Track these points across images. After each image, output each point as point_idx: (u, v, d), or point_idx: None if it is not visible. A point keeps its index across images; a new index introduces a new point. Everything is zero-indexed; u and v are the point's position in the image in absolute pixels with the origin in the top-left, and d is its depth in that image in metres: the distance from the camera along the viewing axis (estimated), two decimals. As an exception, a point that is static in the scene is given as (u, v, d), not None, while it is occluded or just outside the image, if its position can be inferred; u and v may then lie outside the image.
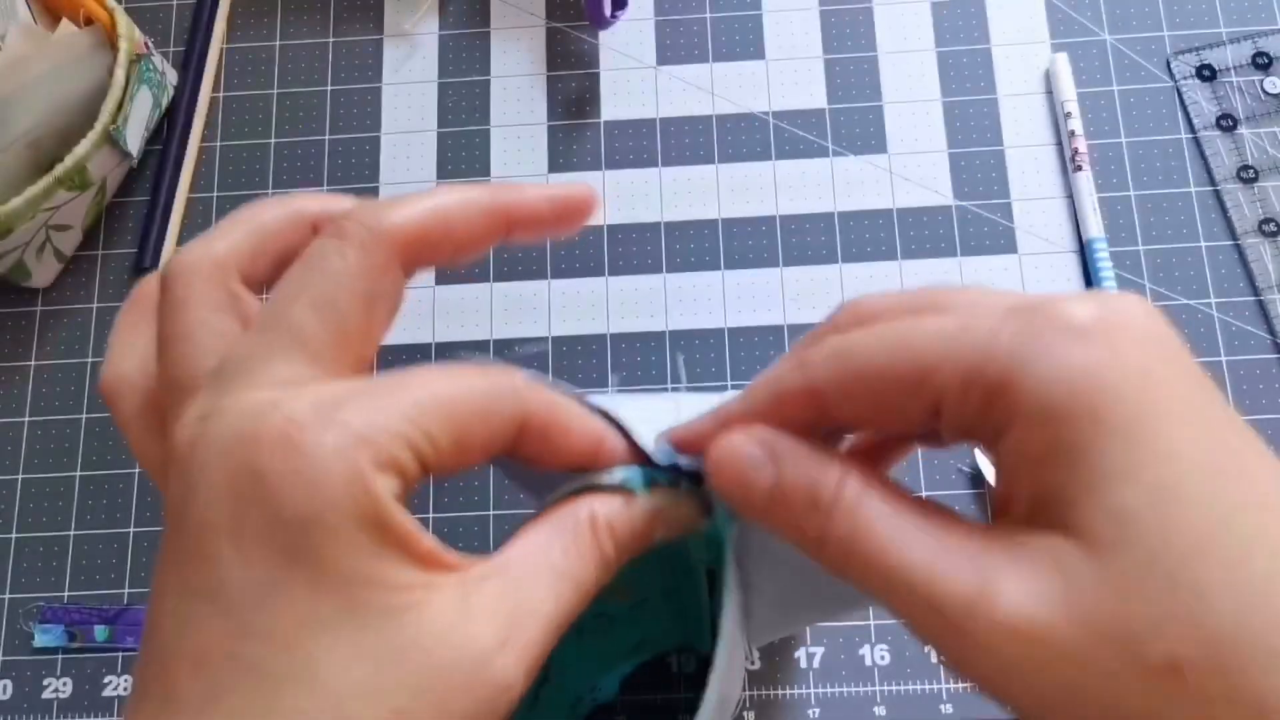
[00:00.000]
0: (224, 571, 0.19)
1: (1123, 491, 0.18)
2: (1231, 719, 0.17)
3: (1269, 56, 0.52)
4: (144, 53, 0.51)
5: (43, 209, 0.47)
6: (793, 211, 0.52)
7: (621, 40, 0.55)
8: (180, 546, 0.20)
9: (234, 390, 0.20)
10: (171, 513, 0.20)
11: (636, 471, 0.24)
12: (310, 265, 0.22)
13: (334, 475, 0.19)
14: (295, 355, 0.21)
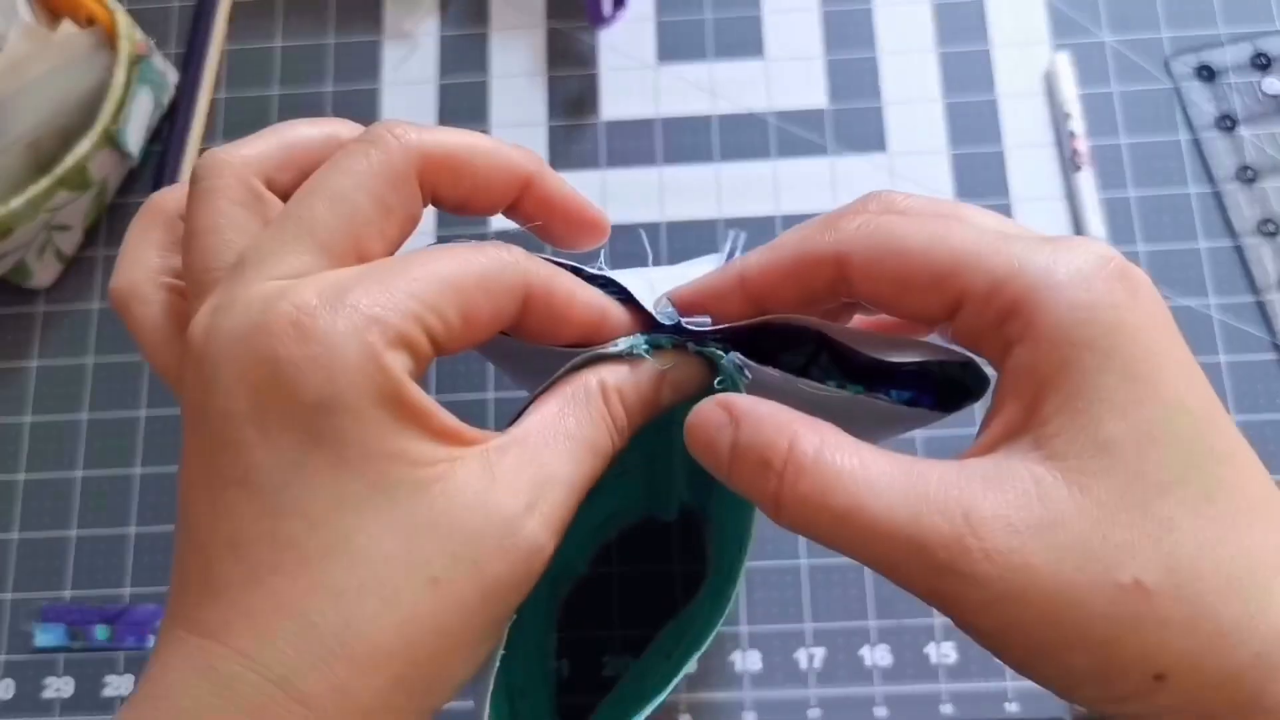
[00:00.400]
0: (251, 457, 0.19)
1: (1113, 424, 0.19)
2: (1189, 643, 0.18)
3: (1268, 57, 0.52)
4: (144, 53, 0.51)
5: (43, 209, 0.48)
6: (793, 211, 0.52)
7: (621, 40, 0.55)
8: (204, 439, 0.20)
9: (246, 282, 0.20)
10: (191, 408, 0.20)
11: (641, 338, 0.24)
12: (334, 165, 0.22)
13: (348, 357, 0.19)
14: (307, 248, 0.21)
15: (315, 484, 0.19)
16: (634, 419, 0.24)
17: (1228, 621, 0.18)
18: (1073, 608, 0.18)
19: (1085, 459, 0.19)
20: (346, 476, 0.19)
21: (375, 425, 0.20)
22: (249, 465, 0.19)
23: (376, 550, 0.19)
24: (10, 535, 0.49)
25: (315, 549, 0.19)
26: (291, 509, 0.19)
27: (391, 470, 0.20)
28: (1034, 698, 0.45)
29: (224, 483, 0.20)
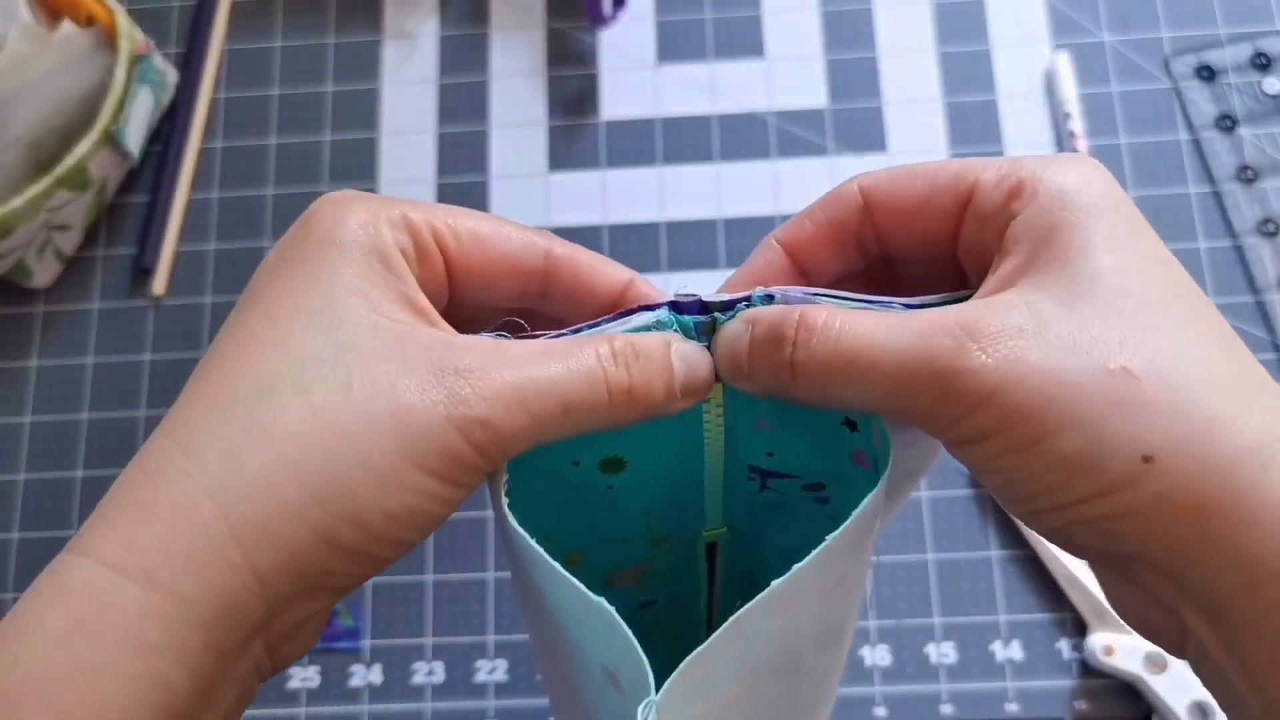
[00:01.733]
0: (260, 277, 0.23)
1: (1103, 258, 0.21)
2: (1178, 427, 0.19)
3: (1268, 57, 0.52)
4: (144, 53, 0.51)
5: (43, 209, 0.48)
6: (793, 211, 0.52)
7: (621, 40, 0.55)
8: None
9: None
10: None
11: (665, 311, 0.24)
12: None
13: (356, 217, 0.23)
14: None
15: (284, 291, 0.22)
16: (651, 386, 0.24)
17: (1219, 412, 0.19)
18: (1064, 388, 0.20)
19: (1075, 286, 0.21)
20: (313, 291, 0.22)
21: (355, 266, 0.22)
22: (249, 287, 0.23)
23: (309, 349, 0.21)
24: (10, 535, 0.49)
25: (261, 338, 0.22)
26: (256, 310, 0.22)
27: (350, 300, 0.22)
28: (1034, 698, 0.45)
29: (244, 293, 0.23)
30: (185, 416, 0.21)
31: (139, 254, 0.52)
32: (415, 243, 0.23)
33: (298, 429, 0.20)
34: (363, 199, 0.23)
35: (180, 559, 0.20)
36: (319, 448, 0.20)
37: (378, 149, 0.54)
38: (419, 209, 0.24)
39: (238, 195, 0.54)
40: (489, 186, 0.53)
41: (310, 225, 0.23)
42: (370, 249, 0.22)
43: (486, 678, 0.47)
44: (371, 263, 0.22)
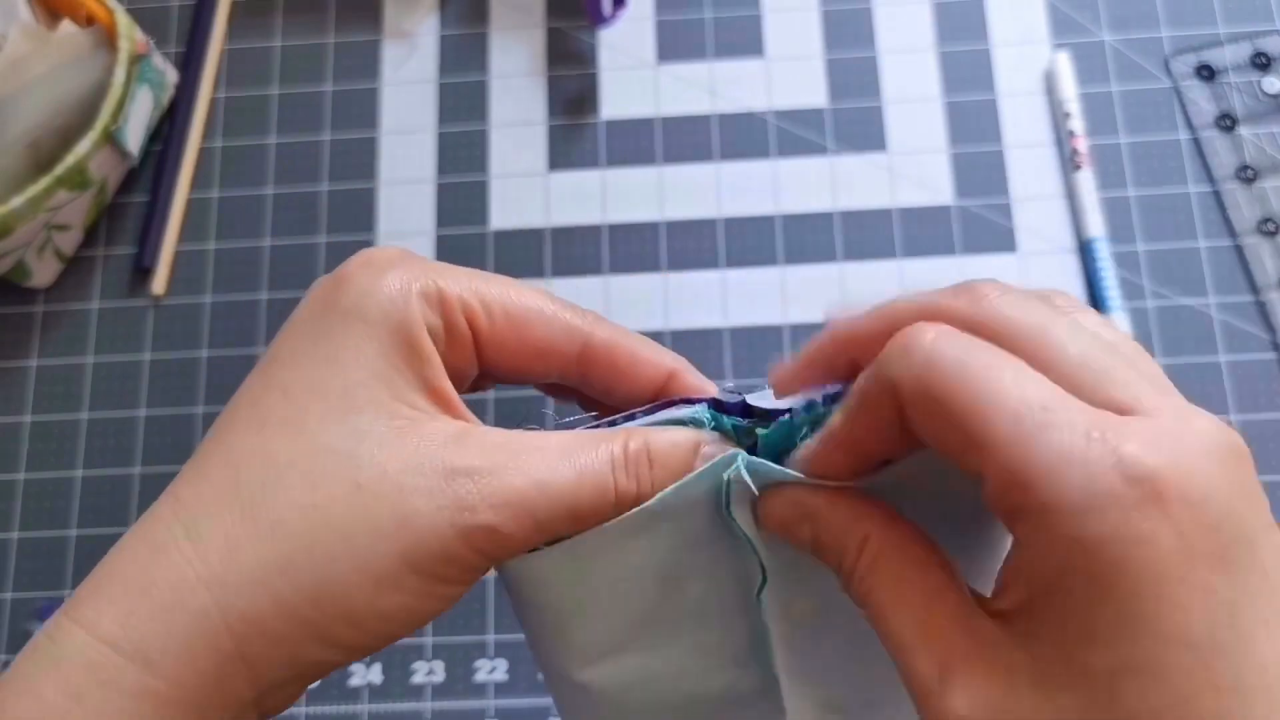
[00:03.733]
0: (277, 345, 0.23)
1: (1096, 655, 0.18)
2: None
3: (1268, 56, 0.52)
4: (144, 53, 0.51)
5: (43, 209, 0.48)
6: (793, 210, 0.52)
7: (621, 39, 0.55)
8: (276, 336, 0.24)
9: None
10: None
11: (705, 408, 0.24)
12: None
13: (387, 287, 0.22)
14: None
15: (305, 366, 0.22)
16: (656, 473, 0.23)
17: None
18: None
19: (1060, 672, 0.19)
20: (334, 370, 0.21)
21: (379, 346, 0.22)
22: (273, 349, 0.23)
23: (323, 438, 0.21)
24: (10, 535, 0.49)
25: (276, 417, 0.21)
26: (275, 382, 0.22)
27: (373, 386, 0.21)
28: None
29: (267, 355, 0.23)
30: (193, 491, 0.21)
31: (139, 254, 0.52)
32: (446, 320, 0.23)
33: (299, 528, 0.20)
34: (398, 265, 0.23)
35: (176, 645, 0.20)
36: (319, 549, 0.20)
37: (377, 148, 0.54)
38: (455, 279, 0.23)
39: (237, 195, 0.54)
40: (489, 186, 0.53)
41: (340, 290, 0.22)
42: (397, 328, 0.22)
43: (486, 677, 0.47)
44: (397, 343, 0.22)
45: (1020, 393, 0.19)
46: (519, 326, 0.24)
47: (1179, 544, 0.18)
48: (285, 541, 0.20)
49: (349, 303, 0.22)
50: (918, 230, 0.51)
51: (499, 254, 0.52)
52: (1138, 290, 0.49)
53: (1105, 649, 0.18)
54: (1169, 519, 0.18)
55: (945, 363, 0.19)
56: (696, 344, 0.50)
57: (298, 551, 0.20)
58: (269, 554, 0.20)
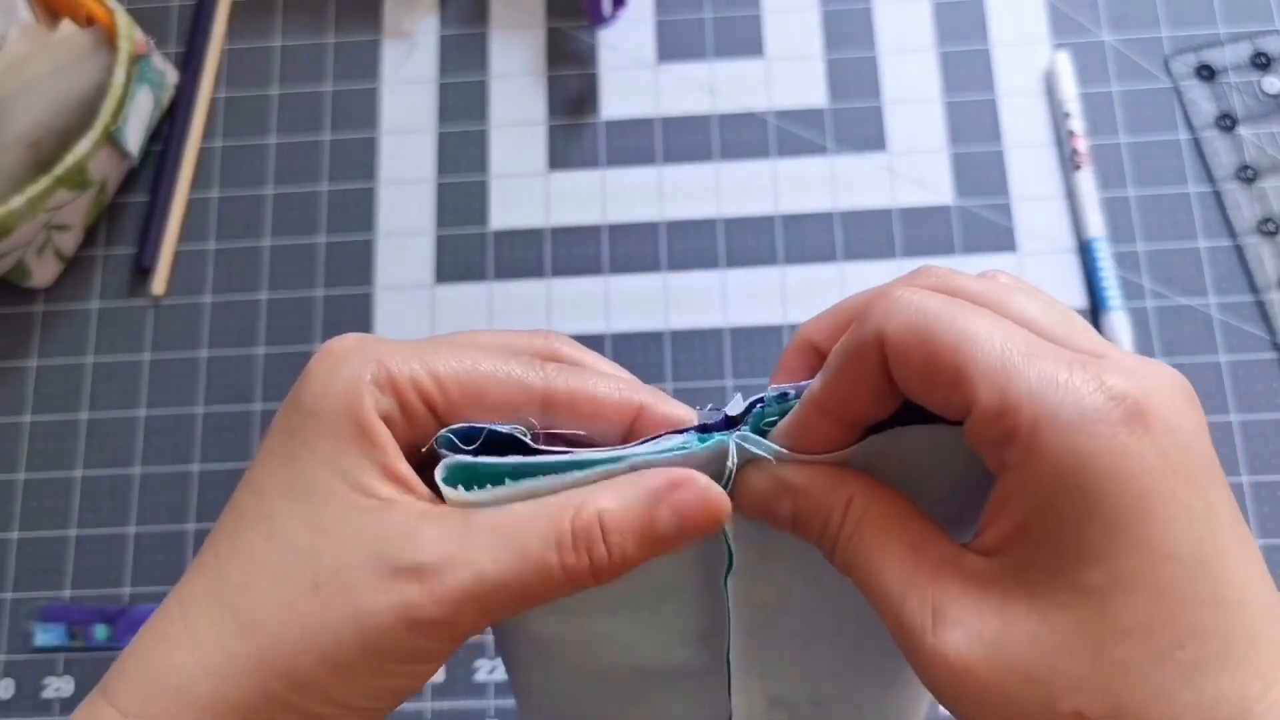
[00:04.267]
0: (263, 442, 0.25)
1: (1089, 571, 0.19)
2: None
3: (1268, 56, 0.52)
4: (144, 53, 0.51)
5: (43, 209, 0.48)
6: (793, 210, 0.52)
7: (621, 39, 0.55)
8: None
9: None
10: None
11: (692, 435, 0.24)
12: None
13: (340, 381, 0.23)
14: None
15: (274, 467, 0.24)
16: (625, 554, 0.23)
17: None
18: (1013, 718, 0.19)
19: (1054, 594, 0.19)
20: (297, 469, 0.23)
21: (333, 437, 0.23)
22: (261, 448, 0.25)
23: (289, 537, 0.23)
24: (10, 535, 0.49)
25: (252, 519, 0.24)
26: (252, 483, 0.24)
27: (330, 478, 0.23)
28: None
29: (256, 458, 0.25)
30: (191, 590, 0.24)
31: (139, 254, 0.52)
32: (400, 402, 0.24)
33: (272, 626, 0.22)
34: (351, 356, 0.24)
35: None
36: (290, 644, 0.22)
37: (377, 148, 0.54)
38: (405, 359, 0.24)
39: (237, 195, 0.54)
40: (489, 186, 0.53)
41: (303, 389, 0.24)
42: (349, 420, 0.23)
43: (486, 677, 0.47)
44: (351, 434, 0.23)
45: (1003, 332, 0.20)
46: (474, 395, 0.24)
47: (1161, 463, 0.19)
48: (261, 637, 0.22)
49: (309, 400, 0.24)
50: (918, 230, 0.51)
51: (499, 254, 0.52)
52: (1138, 290, 0.49)
53: (1097, 565, 0.19)
54: (1151, 439, 0.19)
55: (931, 308, 0.21)
56: (696, 344, 0.50)
57: (272, 646, 0.22)
58: (250, 648, 0.22)
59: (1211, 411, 0.48)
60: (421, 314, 0.52)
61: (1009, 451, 0.20)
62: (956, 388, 0.20)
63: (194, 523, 0.49)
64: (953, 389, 0.20)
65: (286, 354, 0.51)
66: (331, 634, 0.22)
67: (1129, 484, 0.19)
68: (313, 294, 0.52)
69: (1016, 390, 0.20)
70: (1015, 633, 0.19)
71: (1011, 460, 0.20)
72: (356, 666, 0.22)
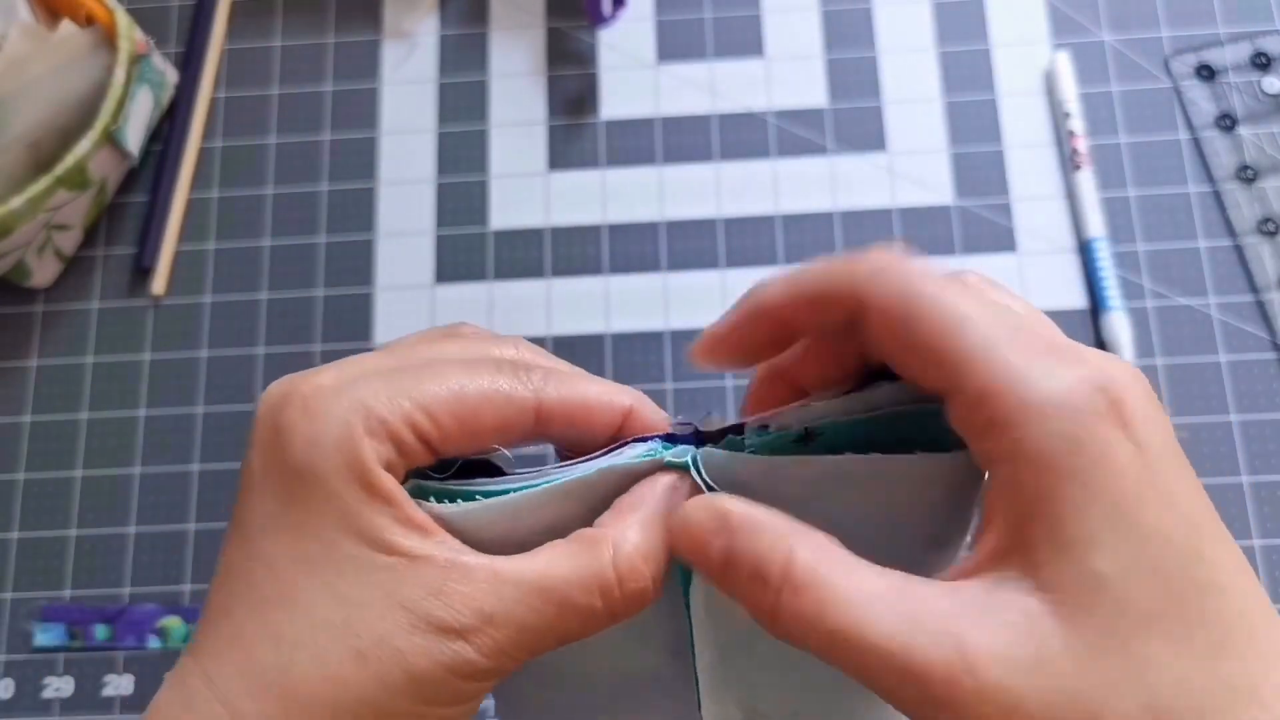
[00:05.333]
0: (247, 506, 0.23)
1: (1100, 559, 0.19)
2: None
3: (1268, 56, 0.52)
4: (144, 52, 0.51)
5: (43, 209, 0.48)
6: (793, 210, 0.52)
7: (621, 39, 0.55)
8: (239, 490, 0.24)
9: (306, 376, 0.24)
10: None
11: (657, 443, 0.24)
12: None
13: (330, 433, 0.22)
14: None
15: (282, 537, 0.22)
16: (660, 576, 0.23)
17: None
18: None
19: (1073, 592, 0.19)
20: (307, 536, 0.22)
21: (340, 498, 0.22)
22: (245, 513, 0.23)
23: (317, 611, 0.22)
24: (10, 535, 0.49)
25: (270, 594, 0.22)
26: (260, 554, 0.22)
27: (345, 541, 0.22)
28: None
29: (233, 524, 0.23)
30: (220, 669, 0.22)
31: (139, 254, 0.52)
32: (396, 444, 0.23)
33: (324, 701, 0.21)
34: (332, 405, 0.22)
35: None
36: (343, 713, 0.22)
37: (377, 148, 0.54)
38: (393, 397, 0.22)
39: (237, 195, 0.54)
40: (488, 186, 0.53)
41: (285, 447, 0.22)
42: (355, 480, 0.22)
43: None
44: (357, 494, 0.22)
45: (991, 316, 0.20)
46: (468, 421, 0.23)
47: (1143, 453, 0.19)
48: (316, 711, 0.22)
49: (298, 460, 0.22)
50: (918, 230, 0.51)
51: (499, 254, 0.52)
52: (1138, 290, 0.49)
53: (1106, 552, 0.19)
54: (1133, 427, 0.19)
55: (920, 281, 0.21)
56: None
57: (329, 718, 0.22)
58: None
59: (1211, 411, 0.48)
60: (421, 314, 0.51)
61: (993, 442, 0.20)
62: (940, 366, 0.20)
63: (194, 523, 0.49)
64: (936, 367, 0.20)
65: (286, 354, 0.51)
66: (388, 694, 0.22)
67: (1122, 472, 0.19)
68: (313, 294, 0.52)
69: (997, 377, 0.20)
70: (1049, 647, 0.19)
71: (997, 451, 0.20)
72: (411, 716, 0.22)
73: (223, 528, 0.49)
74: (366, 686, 0.22)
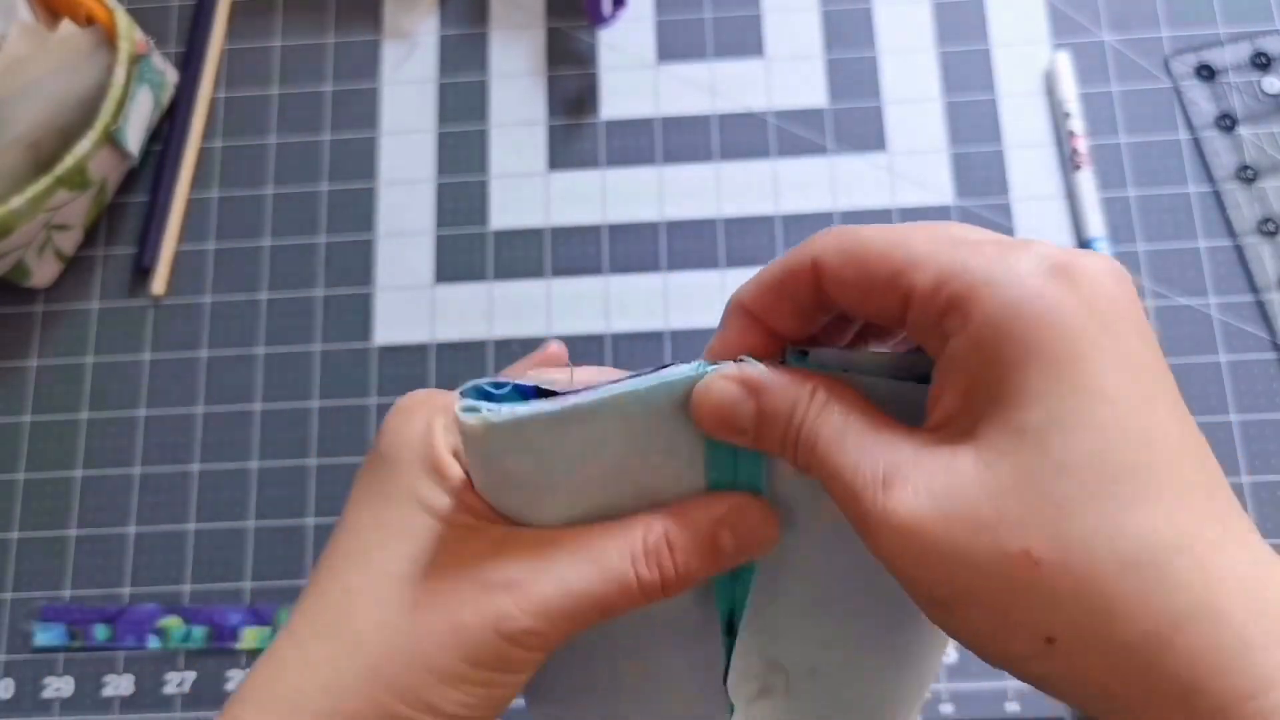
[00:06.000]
0: (352, 491, 0.28)
1: (1028, 412, 0.20)
2: (1078, 614, 0.19)
3: (1268, 56, 0.52)
4: (144, 52, 0.51)
5: (43, 209, 0.48)
6: (793, 211, 0.52)
7: (621, 39, 0.55)
8: None
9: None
10: None
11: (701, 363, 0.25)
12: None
13: (415, 428, 0.27)
14: None
15: (365, 510, 0.27)
16: (689, 570, 0.25)
17: (1118, 598, 0.19)
18: (965, 569, 0.20)
19: (997, 440, 0.20)
20: (387, 508, 0.26)
21: (412, 476, 0.26)
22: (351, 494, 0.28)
23: (382, 566, 0.26)
24: (10, 535, 0.49)
25: (346, 551, 0.26)
26: (348, 524, 0.27)
27: (416, 513, 0.26)
28: (1034, 698, 0.45)
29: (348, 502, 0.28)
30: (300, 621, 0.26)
31: (139, 254, 0.52)
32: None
33: (377, 643, 0.25)
34: (421, 406, 0.28)
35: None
36: (397, 657, 0.25)
37: (377, 148, 0.54)
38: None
39: (237, 195, 0.54)
40: (489, 186, 0.53)
41: (383, 440, 0.27)
42: (423, 461, 0.27)
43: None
44: (426, 473, 0.26)
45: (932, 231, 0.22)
46: None
47: (1089, 311, 0.20)
48: (369, 654, 0.25)
49: (388, 449, 0.27)
50: (918, 230, 0.51)
51: (499, 254, 0.52)
52: (1137, 290, 0.49)
53: (1036, 405, 0.20)
54: (1078, 291, 0.21)
55: (864, 229, 0.23)
56: (697, 344, 0.50)
57: (380, 661, 0.25)
58: (359, 665, 0.25)
59: (1211, 411, 0.48)
60: (421, 314, 0.51)
61: (950, 321, 0.21)
62: (893, 282, 0.22)
63: (194, 523, 0.49)
64: (890, 285, 0.22)
65: (286, 354, 0.51)
66: (435, 645, 0.24)
67: (1062, 329, 0.20)
68: (313, 294, 0.52)
69: (950, 266, 0.21)
70: (961, 482, 0.20)
71: (953, 327, 0.21)
72: (456, 675, 0.24)
73: (223, 527, 0.49)
74: (417, 635, 0.25)
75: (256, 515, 0.49)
